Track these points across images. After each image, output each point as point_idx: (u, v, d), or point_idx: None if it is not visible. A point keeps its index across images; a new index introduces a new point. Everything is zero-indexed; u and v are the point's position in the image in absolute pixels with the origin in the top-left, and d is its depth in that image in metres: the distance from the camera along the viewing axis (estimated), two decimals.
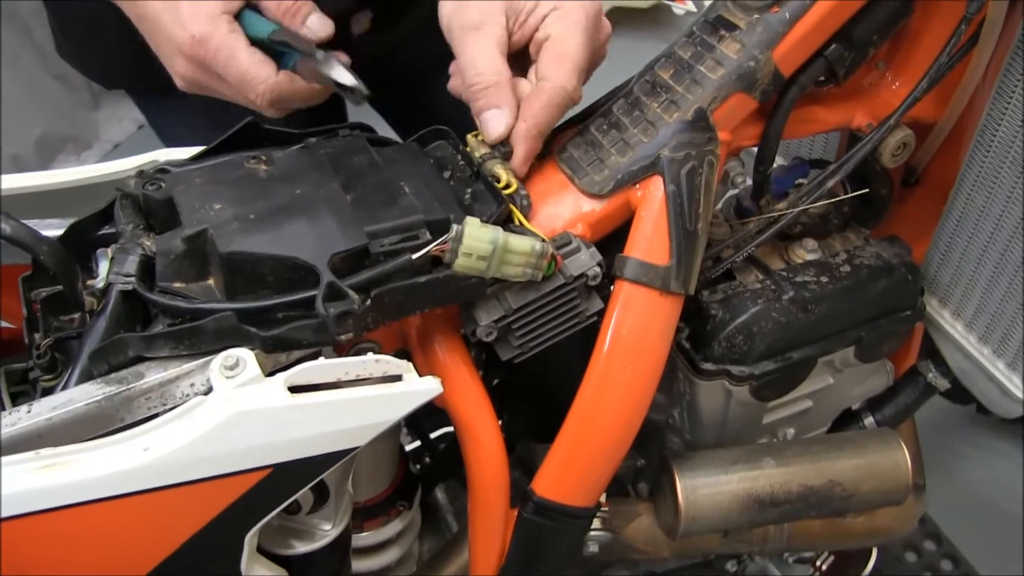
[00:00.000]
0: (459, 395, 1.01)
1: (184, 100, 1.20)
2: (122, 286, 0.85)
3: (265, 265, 0.84)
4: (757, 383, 1.14)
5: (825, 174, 1.11)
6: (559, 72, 0.98)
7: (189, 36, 1.00)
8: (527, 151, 1.00)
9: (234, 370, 0.79)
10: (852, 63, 1.04)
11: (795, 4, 0.98)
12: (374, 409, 0.83)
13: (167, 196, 0.91)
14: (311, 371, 0.81)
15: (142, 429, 0.76)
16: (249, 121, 1.01)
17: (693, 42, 1.04)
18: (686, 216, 0.98)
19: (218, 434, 0.76)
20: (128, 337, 0.83)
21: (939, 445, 2.37)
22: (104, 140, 3.90)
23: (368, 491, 1.18)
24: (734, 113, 1.01)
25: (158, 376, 0.82)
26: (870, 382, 1.34)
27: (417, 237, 0.89)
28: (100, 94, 3.87)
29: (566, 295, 0.96)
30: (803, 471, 1.18)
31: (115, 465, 0.74)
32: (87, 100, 3.83)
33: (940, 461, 2.34)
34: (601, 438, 1.04)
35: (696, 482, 1.17)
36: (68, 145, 3.76)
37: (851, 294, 1.15)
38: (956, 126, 1.14)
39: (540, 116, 0.98)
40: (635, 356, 1.01)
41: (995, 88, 1.06)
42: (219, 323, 0.82)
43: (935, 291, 1.27)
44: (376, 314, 0.85)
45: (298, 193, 0.92)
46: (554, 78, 0.98)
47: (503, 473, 1.04)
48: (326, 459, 0.83)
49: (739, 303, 1.13)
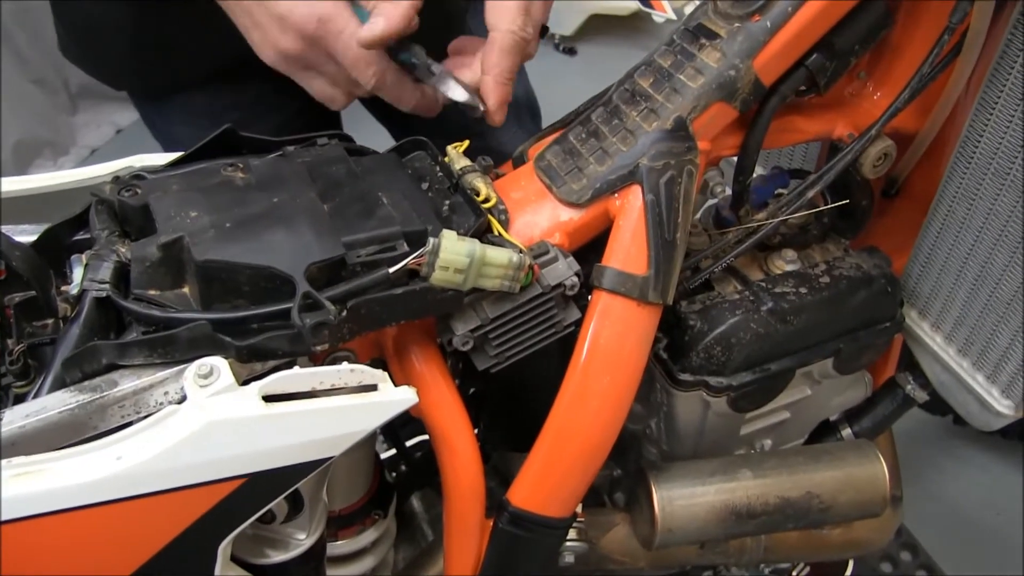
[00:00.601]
0: (435, 405, 1.01)
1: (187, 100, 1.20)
2: (96, 293, 0.85)
3: (241, 274, 0.84)
4: (735, 394, 1.14)
5: (805, 184, 1.11)
6: (503, 20, 1.04)
7: (314, 14, 1.05)
8: (498, 98, 1.07)
9: (208, 379, 0.79)
10: (833, 73, 1.05)
11: (776, 13, 0.98)
12: (349, 419, 0.83)
13: (143, 202, 0.91)
14: (286, 380, 0.81)
15: (115, 438, 0.76)
16: (227, 128, 1.01)
17: (673, 50, 1.04)
18: (665, 226, 0.98)
19: (192, 443, 0.76)
20: (102, 345, 0.82)
21: (916, 456, 2.38)
22: (81, 145, 3.88)
23: (343, 500, 1.18)
24: (714, 122, 1.01)
25: (132, 384, 0.82)
26: (848, 393, 1.34)
27: (394, 248, 0.89)
28: (78, 99, 3.86)
29: (543, 305, 0.96)
30: (780, 483, 1.18)
31: (88, 474, 0.74)
32: (65, 105, 3.82)
33: (916, 472, 2.35)
34: (578, 448, 1.03)
35: (673, 493, 1.17)
36: (45, 150, 3.74)
37: (830, 305, 1.16)
38: (937, 137, 1.14)
39: (499, 63, 1.05)
40: (612, 366, 1.00)
41: (978, 99, 1.06)
42: (193, 332, 0.81)
43: (915, 303, 1.27)
44: (352, 325, 0.85)
45: (275, 202, 0.92)
46: (500, 25, 1.04)
47: (479, 483, 1.04)
48: (301, 469, 0.82)
49: (717, 314, 1.13)
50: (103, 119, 3.95)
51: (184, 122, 1.49)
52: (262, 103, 1.46)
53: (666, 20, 3.98)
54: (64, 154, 3.82)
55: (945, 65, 1.06)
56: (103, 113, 3.94)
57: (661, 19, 4.01)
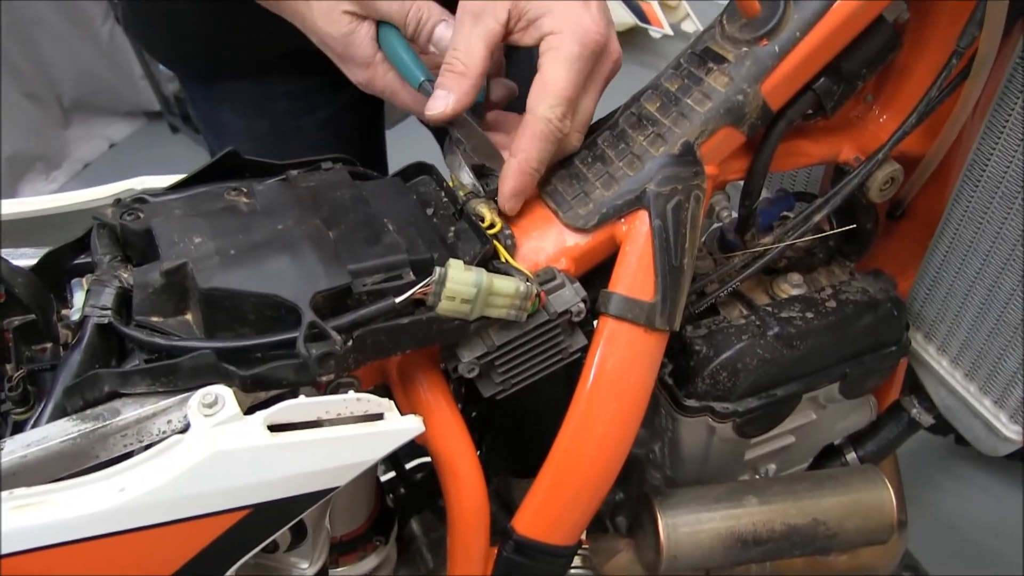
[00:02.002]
0: (439, 432, 1.00)
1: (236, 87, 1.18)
2: (98, 319, 0.84)
3: (246, 302, 0.83)
4: (741, 420, 1.14)
5: (811, 208, 1.11)
6: (542, 104, 0.97)
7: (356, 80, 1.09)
8: (513, 187, 0.99)
9: (212, 408, 0.78)
10: (841, 97, 1.05)
11: (785, 38, 0.97)
12: (355, 448, 0.82)
13: (145, 227, 0.90)
14: (291, 410, 0.80)
15: (118, 468, 0.75)
16: (230, 151, 1.00)
17: (680, 74, 1.04)
18: (672, 251, 0.98)
19: (196, 474, 0.75)
20: (104, 373, 0.82)
21: (917, 476, 2.38)
22: (74, 159, 3.88)
23: (345, 526, 1.17)
24: (721, 147, 1.01)
25: (135, 413, 0.81)
26: (853, 417, 1.34)
27: (400, 277, 0.88)
28: (70, 112, 3.85)
29: (550, 332, 0.95)
30: (786, 509, 1.18)
31: (91, 506, 0.73)
32: (57, 118, 3.81)
33: (918, 492, 2.34)
34: (583, 476, 1.03)
35: (678, 520, 1.17)
36: (38, 164, 3.73)
37: (837, 330, 1.16)
38: (944, 159, 1.14)
39: (527, 150, 0.97)
40: (619, 393, 1.00)
41: (985, 122, 1.06)
42: (197, 361, 0.81)
43: (920, 326, 1.27)
44: (357, 355, 0.85)
45: (280, 228, 0.91)
46: (538, 110, 0.97)
47: (483, 511, 1.03)
48: (306, 499, 0.82)
49: (723, 339, 1.12)
50: (96, 133, 3.94)
51: (232, 110, 1.48)
52: (312, 96, 1.46)
53: (663, 36, 3.98)
54: (57, 168, 3.81)
55: (953, 89, 1.06)
56: (96, 127, 3.93)
57: (658, 35, 4.01)
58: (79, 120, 3.90)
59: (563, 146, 1.02)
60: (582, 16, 0.97)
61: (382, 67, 1.07)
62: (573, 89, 0.97)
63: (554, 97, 0.96)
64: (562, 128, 0.98)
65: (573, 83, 0.97)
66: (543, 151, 0.98)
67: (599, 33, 0.97)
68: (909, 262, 1.26)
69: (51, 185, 3.74)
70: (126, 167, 3.71)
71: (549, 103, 0.96)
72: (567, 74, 0.96)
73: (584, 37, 0.96)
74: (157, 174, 1.07)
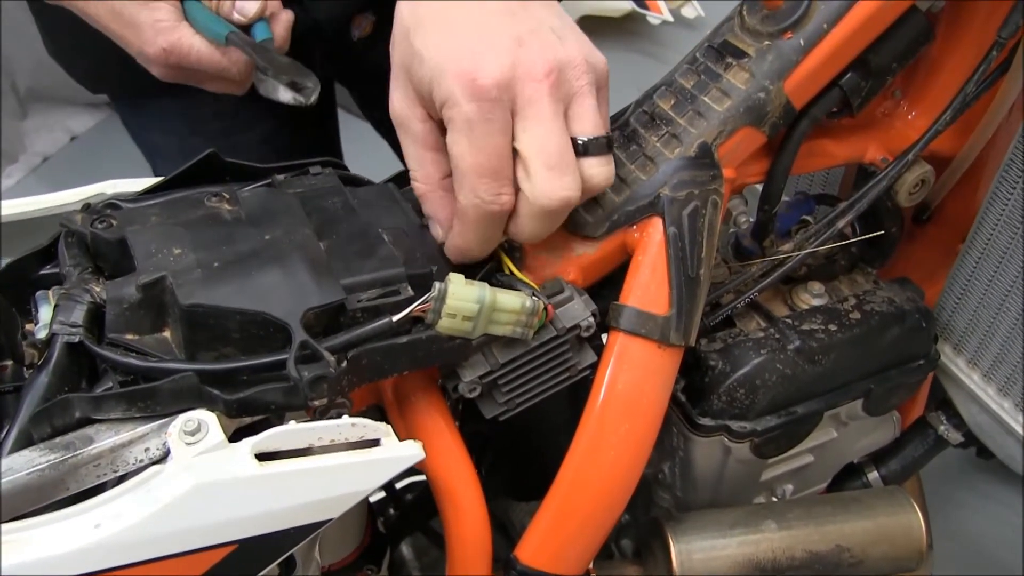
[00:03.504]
0: (439, 457, 0.99)
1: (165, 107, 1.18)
2: (68, 338, 0.82)
3: (231, 320, 0.81)
4: (758, 440, 1.13)
5: (835, 213, 1.10)
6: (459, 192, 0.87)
7: (160, 50, 1.11)
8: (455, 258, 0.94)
9: (195, 435, 0.76)
10: (868, 93, 1.03)
11: (810, 30, 0.96)
12: (350, 478, 0.81)
13: (119, 236, 0.88)
14: (281, 437, 0.78)
15: (92, 503, 0.73)
16: (210, 152, 0.98)
17: (696, 70, 1.03)
18: (688, 261, 0.97)
19: (178, 508, 0.73)
20: (75, 397, 0.79)
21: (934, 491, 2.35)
22: (32, 152, 3.84)
23: (334, 555, 1.16)
24: (741, 148, 1.00)
25: (109, 441, 0.79)
26: (875, 435, 1.33)
27: (398, 292, 0.87)
28: (27, 102, 3.82)
29: (557, 348, 0.94)
30: (807, 535, 1.16)
31: (62, 545, 0.71)
32: (13, 109, 3.78)
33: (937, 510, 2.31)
34: (593, 501, 1.02)
35: (691, 546, 1.15)
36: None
37: (861, 343, 1.14)
38: (976, 159, 1.13)
39: (462, 235, 0.90)
40: (631, 413, 0.99)
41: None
42: (178, 384, 0.79)
43: (949, 338, 1.26)
44: (352, 377, 0.83)
45: (267, 239, 0.89)
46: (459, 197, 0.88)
47: (485, 541, 1.02)
48: (297, 533, 0.80)
49: (740, 353, 1.11)
50: (55, 124, 3.90)
51: (162, 129, 1.49)
52: (243, 114, 1.44)
53: (662, 22, 3.97)
54: (13, 162, 3.77)
55: (991, 83, 1.04)
56: (55, 118, 3.90)
57: (657, 21, 3.99)
58: (37, 111, 3.86)
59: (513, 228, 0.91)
60: (474, 58, 0.83)
61: (188, 30, 1.12)
62: (484, 156, 0.84)
63: (464, 179, 0.86)
64: (497, 201, 0.86)
65: (480, 149, 0.84)
66: (481, 234, 0.90)
67: (499, 68, 0.83)
68: (936, 269, 1.25)
69: (7, 181, 3.70)
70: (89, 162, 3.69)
71: (463, 189, 0.86)
72: (469, 145, 0.84)
73: (471, 88, 0.82)
74: (122, 170, 1.06)
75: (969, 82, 1.03)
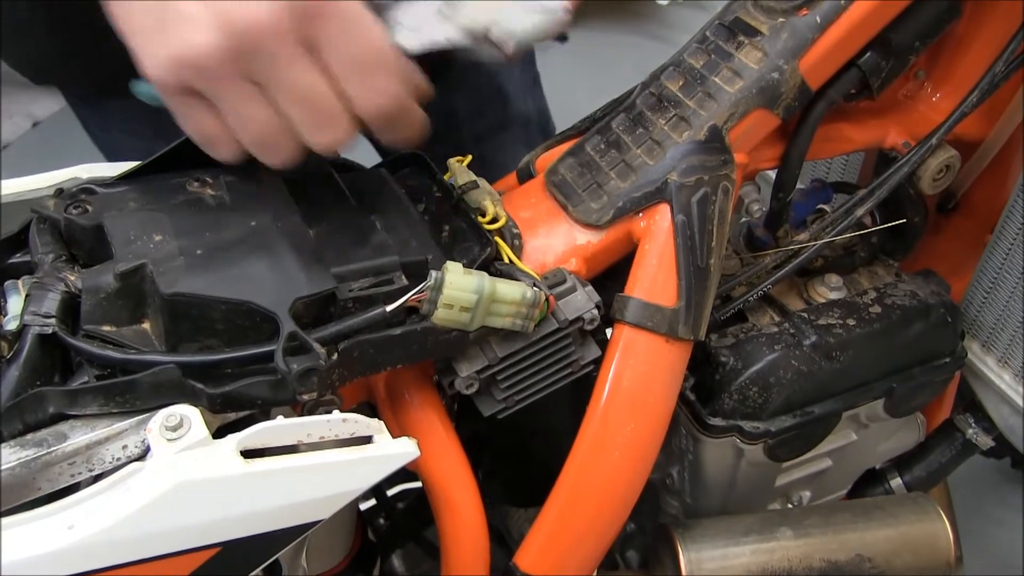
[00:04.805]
0: (434, 457, 1.00)
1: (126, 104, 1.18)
2: (40, 329, 0.83)
3: (215, 310, 0.82)
4: (772, 441, 1.14)
5: (853, 201, 1.11)
6: None
7: None
8: None
9: (177, 431, 0.77)
10: (889, 73, 1.04)
11: (827, 6, 0.97)
12: (341, 477, 0.82)
13: (95, 222, 0.89)
14: (268, 433, 0.79)
15: (66, 503, 0.74)
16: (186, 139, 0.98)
17: (706, 49, 1.04)
18: (697, 251, 0.98)
19: (159, 508, 0.74)
20: (48, 392, 0.80)
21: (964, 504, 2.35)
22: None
23: (322, 563, 1.17)
24: (753, 132, 1.01)
25: (84, 437, 0.80)
26: (898, 438, 1.34)
27: (391, 282, 0.88)
28: None
29: (559, 342, 0.95)
30: (826, 543, 1.17)
31: (34, 547, 0.72)
32: None
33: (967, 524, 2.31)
34: (597, 507, 1.03)
35: (702, 555, 1.16)
36: None
37: (882, 339, 1.15)
38: (1006, 144, 1.14)
39: None
40: (637, 412, 1.00)
41: None
42: (159, 377, 0.80)
43: (977, 334, 1.27)
44: (343, 370, 0.84)
45: (253, 225, 0.90)
46: None
47: (483, 547, 1.03)
48: (284, 535, 0.81)
49: (753, 350, 1.12)
50: (17, 110, 3.91)
51: (124, 129, 1.47)
52: None
53: (670, 2, 3.97)
54: None
55: (1022, 62, 1.05)
56: (17, 103, 3.90)
57: (665, 1, 3.99)
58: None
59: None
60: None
61: None
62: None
63: None
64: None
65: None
66: None
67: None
68: (963, 261, 1.25)
69: None
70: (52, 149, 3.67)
71: None
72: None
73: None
74: (90, 158, 1.06)
75: (998, 61, 1.04)
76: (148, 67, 0.84)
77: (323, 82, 0.84)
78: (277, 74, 0.82)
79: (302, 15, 0.80)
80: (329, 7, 0.82)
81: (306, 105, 0.84)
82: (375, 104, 0.86)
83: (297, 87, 0.83)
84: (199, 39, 0.79)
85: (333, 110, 0.85)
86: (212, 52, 0.80)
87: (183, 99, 0.85)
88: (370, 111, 0.86)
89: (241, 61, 0.80)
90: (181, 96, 0.85)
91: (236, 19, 0.79)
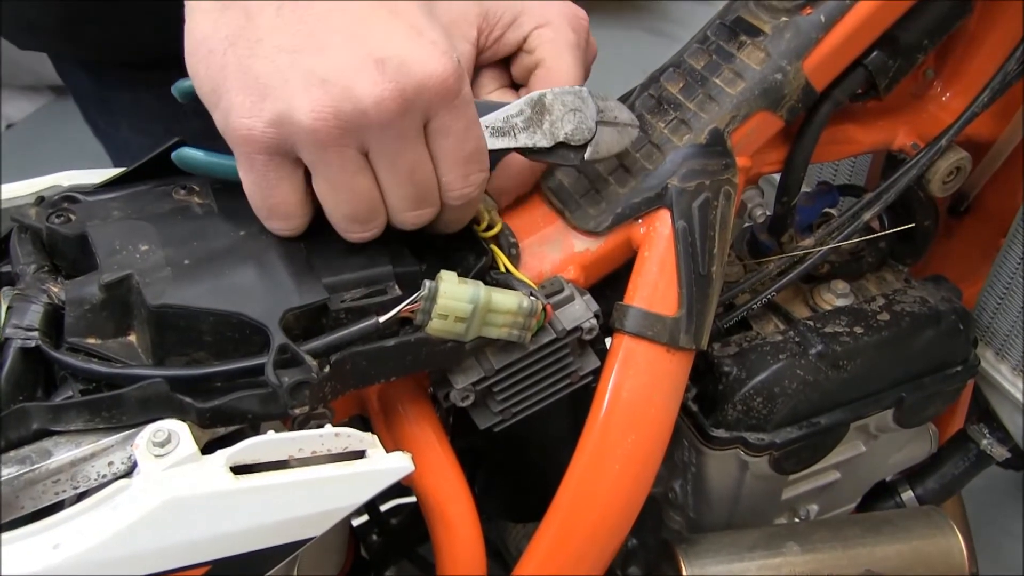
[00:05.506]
0: (429, 472, 1.00)
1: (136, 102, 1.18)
2: (23, 342, 0.83)
3: (204, 322, 0.83)
4: (778, 453, 1.14)
5: (860, 205, 1.12)
6: None
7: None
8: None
9: (165, 447, 0.78)
10: (897, 73, 1.05)
11: (832, 4, 0.98)
12: (334, 493, 0.83)
13: (79, 231, 0.89)
14: (258, 448, 0.80)
15: (51, 521, 0.75)
16: (178, 141, 0.99)
17: (707, 49, 1.04)
18: (698, 258, 0.99)
19: (146, 526, 0.75)
20: (32, 407, 0.80)
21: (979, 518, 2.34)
22: None
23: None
24: (756, 135, 1.02)
25: (69, 454, 0.80)
26: (909, 449, 1.34)
27: (384, 292, 0.88)
28: None
29: (557, 353, 0.96)
30: (835, 559, 1.17)
31: (18, 567, 0.72)
32: None
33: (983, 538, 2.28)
34: (596, 521, 1.03)
35: (706, 571, 1.16)
36: None
37: (891, 347, 1.16)
38: (1018, 145, 1.14)
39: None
40: (637, 424, 1.01)
41: None
42: (146, 391, 0.80)
43: (991, 342, 1.27)
44: (335, 383, 0.85)
45: (242, 235, 0.91)
46: None
47: (479, 565, 1.04)
48: (275, 553, 0.82)
49: (757, 359, 1.13)
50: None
51: (133, 127, 1.48)
52: None
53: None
54: None
55: None
56: None
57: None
58: None
59: None
60: (562, 5, 1.04)
61: None
62: (583, 77, 1.01)
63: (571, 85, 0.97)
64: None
65: (580, 70, 1.01)
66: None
67: (584, 18, 1.05)
68: (975, 266, 1.26)
69: None
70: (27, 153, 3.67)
71: None
72: (574, 60, 1.01)
73: (574, 22, 1.03)
74: (67, 162, 1.05)
75: (1010, 59, 1.05)
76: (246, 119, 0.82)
77: (430, 163, 0.87)
78: (394, 148, 0.84)
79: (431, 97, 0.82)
80: (463, 95, 0.85)
81: (411, 184, 0.86)
82: (463, 194, 0.89)
83: (407, 164, 0.85)
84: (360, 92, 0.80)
85: (431, 192, 0.88)
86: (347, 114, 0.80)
87: (270, 160, 0.84)
88: (456, 200, 0.90)
89: (362, 131, 0.82)
90: (268, 157, 0.83)
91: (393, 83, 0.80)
